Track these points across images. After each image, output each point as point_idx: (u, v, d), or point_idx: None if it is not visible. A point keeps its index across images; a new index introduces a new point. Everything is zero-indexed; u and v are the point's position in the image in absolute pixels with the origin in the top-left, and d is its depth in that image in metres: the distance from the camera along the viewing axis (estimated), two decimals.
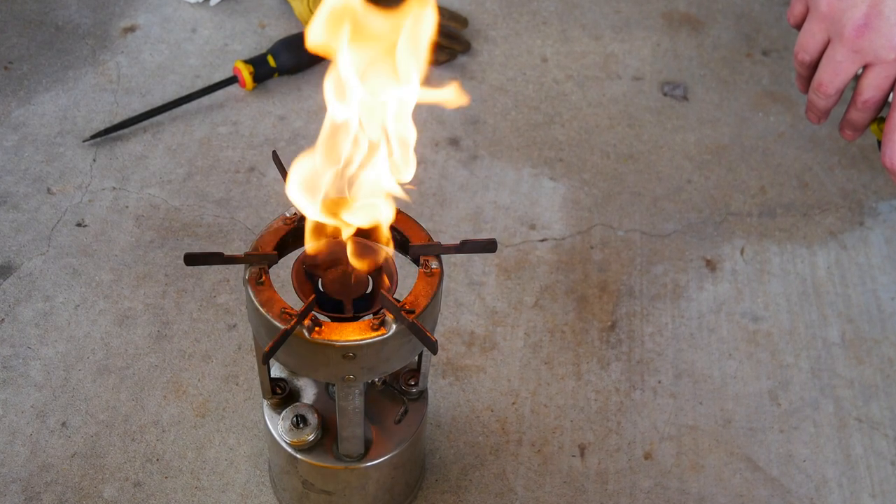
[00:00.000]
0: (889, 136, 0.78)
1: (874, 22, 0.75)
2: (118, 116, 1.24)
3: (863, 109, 0.81)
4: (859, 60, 0.77)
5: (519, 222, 1.16)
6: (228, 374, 0.99)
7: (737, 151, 1.27)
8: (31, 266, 1.06)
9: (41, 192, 1.14)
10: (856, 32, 0.75)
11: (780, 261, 1.14)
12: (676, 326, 1.06)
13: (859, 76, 0.80)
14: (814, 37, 0.80)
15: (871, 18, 0.75)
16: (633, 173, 1.24)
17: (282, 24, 1.40)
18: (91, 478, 0.90)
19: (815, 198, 1.22)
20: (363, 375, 0.68)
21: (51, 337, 1.00)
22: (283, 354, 0.68)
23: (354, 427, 0.75)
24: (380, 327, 0.66)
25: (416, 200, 1.16)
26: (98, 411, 0.95)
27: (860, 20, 0.75)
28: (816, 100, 0.83)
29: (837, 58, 0.78)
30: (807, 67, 0.83)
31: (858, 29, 0.75)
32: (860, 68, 0.79)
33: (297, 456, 0.78)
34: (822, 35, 0.79)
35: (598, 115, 1.32)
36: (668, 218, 1.18)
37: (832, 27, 0.77)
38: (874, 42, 0.75)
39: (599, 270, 1.11)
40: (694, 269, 1.12)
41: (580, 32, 1.44)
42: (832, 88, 0.81)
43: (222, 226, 1.11)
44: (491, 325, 1.05)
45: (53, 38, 1.35)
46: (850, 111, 0.83)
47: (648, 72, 1.39)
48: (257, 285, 0.68)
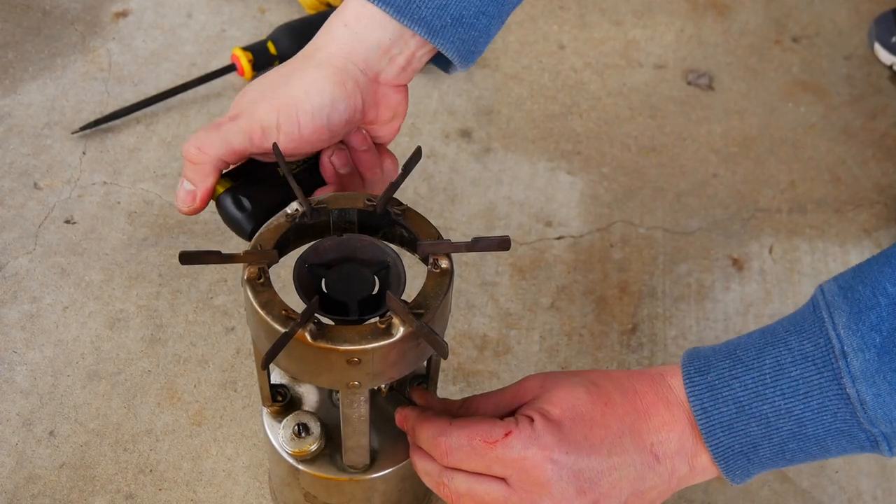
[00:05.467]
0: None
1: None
2: (109, 107, 1.24)
3: None
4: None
5: (534, 219, 1.16)
6: (226, 380, 0.99)
7: (765, 144, 1.27)
8: (17, 265, 1.06)
9: (27, 187, 1.14)
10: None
11: (810, 260, 1.14)
12: (701, 329, 1.06)
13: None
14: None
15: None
16: (656, 167, 1.23)
17: (283, 9, 1.40)
18: (80, 490, 0.90)
19: (848, 193, 1.21)
20: (369, 381, 0.68)
21: (38, 340, 1.00)
22: (283, 359, 0.68)
23: (359, 436, 0.74)
24: (387, 330, 0.66)
25: (425, 196, 1.16)
26: (88, 419, 0.95)
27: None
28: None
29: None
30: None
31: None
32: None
33: (299, 467, 0.78)
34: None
35: (618, 106, 1.31)
36: (692, 214, 1.18)
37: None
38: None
39: (619, 270, 1.11)
40: (720, 269, 1.12)
41: (599, 17, 1.44)
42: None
43: (219, 223, 1.11)
44: (504, 328, 1.05)
45: (40, 24, 1.35)
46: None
47: (672, 59, 1.38)
48: (257, 286, 0.67)
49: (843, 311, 0.65)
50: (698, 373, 0.69)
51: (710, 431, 0.68)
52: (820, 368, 0.65)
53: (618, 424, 0.70)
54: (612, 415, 0.71)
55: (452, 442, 0.71)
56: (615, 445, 0.70)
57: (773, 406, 0.66)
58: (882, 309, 0.63)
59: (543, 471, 0.68)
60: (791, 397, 0.66)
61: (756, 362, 0.67)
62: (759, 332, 0.70)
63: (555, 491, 0.68)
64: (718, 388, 0.68)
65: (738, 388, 0.67)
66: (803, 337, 0.66)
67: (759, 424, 0.67)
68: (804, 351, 0.66)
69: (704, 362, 0.70)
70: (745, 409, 0.67)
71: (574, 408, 0.71)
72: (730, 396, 0.67)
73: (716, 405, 0.68)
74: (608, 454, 0.69)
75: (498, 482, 0.71)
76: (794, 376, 0.66)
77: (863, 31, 1.45)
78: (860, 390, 0.63)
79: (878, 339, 0.63)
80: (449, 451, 0.71)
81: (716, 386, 0.68)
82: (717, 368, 0.69)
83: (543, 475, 0.68)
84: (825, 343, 0.65)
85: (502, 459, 0.69)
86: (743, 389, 0.67)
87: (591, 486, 0.69)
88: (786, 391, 0.66)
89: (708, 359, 0.70)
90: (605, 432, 0.70)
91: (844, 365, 0.64)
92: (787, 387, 0.66)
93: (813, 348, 0.66)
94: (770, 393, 0.66)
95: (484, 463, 0.70)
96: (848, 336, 0.64)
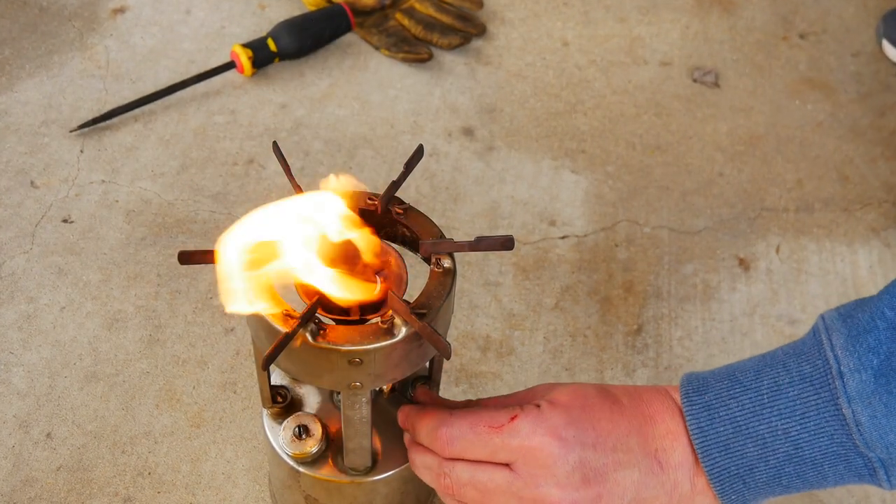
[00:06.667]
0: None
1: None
2: (107, 104, 1.24)
3: None
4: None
5: (538, 218, 1.15)
6: (226, 382, 0.99)
7: (772, 142, 1.27)
8: (14, 265, 1.06)
9: (24, 186, 1.14)
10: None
11: (818, 259, 1.13)
12: (707, 330, 1.06)
13: None
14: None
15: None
16: (661, 166, 1.23)
17: (283, 6, 1.40)
18: (78, 493, 0.90)
19: (855, 192, 1.21)
20: (370, 382, 0.68)
21: (35, 341, 1.00)
22: (284, 360, 0.68)
23: (361, 438, 0.74)
24: (389, 331, 0.66)
25: (427, 195, 1.16)
26: (85, 421, 0.95)
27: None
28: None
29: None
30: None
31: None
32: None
33: (300, 469, 0.78)
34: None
35: (623, 104, 1.31)
36: (698, 214, 1.17)
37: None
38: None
39: (624, 270, 1.11)
40: (726, 269, 1.12)
41: (604, 14, 1.44)
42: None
43: (219, 222, 1.11)
44: (508, 329, 1.05)
45: (37, 20, 1.35)
46: None
47: (677, 56, 1.38)
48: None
49: (841, 334, 0.65)
50: (696, 392, 0.70)
51: (706, 452, 0.68)
52: (817, 389, 0.65)
53: (625, 423, 0.70)
54: (619, 413, 0.71)
55: (455, 431, 0.71)
56: (621, 442, 0.70)
57: (769, 426, 0.66)
58: (880, 332, 0.64)
59: (550, 451, 0.68)
60: (788, 418, 0.66)
61: (754, 383, 0.68)
62: (759, 356, 0.71)
63: (560, 475, 0.68)
64: (716, 408, 0.68)
65: (736, 407, 0.68)
66: (802, 359, 0.67)
67: (756, 445, 0.67)
68: (802, 372, 0.66)
69: (702, 383, 0.70)
70: (741, 430, 0.67)
71: (583, 398, 0.71)
72: (727, 416, 0.68)
73: (713, 424, 0.68)
74: (614, 449, 0.69)
75: (501, 469, 0.70)
76: (792, 396, 0.66)
77: (871, 28, 1.45)
78: (856, 411, 0.63)
79: (876, 361, 0.63)
80: (451, 440, 0.71)
81: (713, 405, 0.69)
82: (715, 389, 0.69)
83: (550, 456, 0.68)
84: (823, 364, 0.66)
85: (508, 444, 0.69)
86: (740, 409, 0.68)
87: (596, 477, 0.68)
88: (783, 411, 0.66)
89: (706, 380, 0.70)
90: (612, 427, 0.70)
91: (841, 385, 0.64)
92: (785, 407, 0.66)
93: (811, 370, 0.66)
94: (767, 413, 0.67)
95: (488, 449, 0.70)
96: (845, 357, 0.64)
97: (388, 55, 1.34)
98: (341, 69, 1.33)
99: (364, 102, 1.28)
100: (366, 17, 1.37)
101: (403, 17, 1.37)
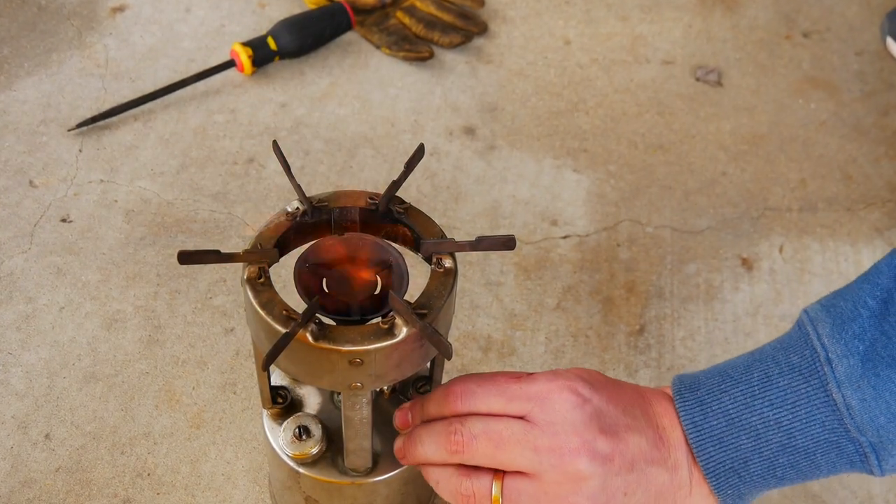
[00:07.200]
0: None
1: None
2: (106, 103, 1.24)
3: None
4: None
5: (540, 218, 1.15)
6: (225, 382, 0.99)
7: (775, 141, 1.27)
8: (12, 265, 1.06)
9: (23, 185, 1.14)
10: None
11: (821, 259, 1.13)
12: (710, 330, 1.06)
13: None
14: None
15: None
16: (663, 165, 1.23)
17: (283, 4, 1.40)
18: (77, 494, 0.90)
19: (859, 192, 1.21)
20: (371, 383, 0.68)
21: (33, 342, 1.00)
22: (284, 360, 0.68)
23: (362, 439, 0.74)
24: (389, 331, 0.66)
25: (428, 194, 1.16)
26: (84, 422, 0.95)
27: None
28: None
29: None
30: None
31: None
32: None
33: (300, 470, 0.78)
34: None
35: (625, 102, 1.31)
36: (700, 213, 1.17)
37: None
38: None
39: (627, 270, 1.11)
40: (729, 269, 1.12)
41: (606, 12, 1.44)
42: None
43: (219, 221, 1.11)
44: (509, 329, 1.05)
45: (36, 19, 1.35)
46: None
47: (679, 55, 1.38)
48: (257, 285, 0.67)
49: (826, 323, 0.67)
50: (688, 389, 0.71)
51: (701, 446, 0.69)
52: (807, 377, 0.67)
53: (629, 398, 0.71)
54: (624, 392, 0.72)
55: (470, 383, 0.71)
56: (629, 409, 0.70)
57: (762, 417, 0.67)
58: (864, 320, 0.66)
59: (567, 398, 0.68)
60: (780, 408, 0.67)
61: (744, 376, 0.69)
62: (748, 354, 0.72)
63: (578, 423, 0.68)
64: (708, 403, 0.69)
65: (728, 401, 0.69)
66: (790, 351, 0.69)
67: (749, 437, 0.68)
68: (791, 363, 0.68)
69: (694, 381, 0.71)
70: (734, 422, 0.68)
71: (587, 373, 0.72)
72: (720, 410, 0.69)
73: (706, 419, 0.69)
74: (624, 412, 0.70)
75: (516, 420, 0.70)
76: (782, 386, 0.67)
77: (875, 26, 1.45)
78: (846, 395, 0.65)
79: (861, 347, 0.65)
80: (465, 392, 0.71)
81: (706, 400, 0.70)
82: (707, 385, 0.70)
83: (567, 403, 0.68)
84: (811, 354, 0.67)
85: (526, 391, 0.69)
86: (732, 402, 0.69)
87: (610, 432, 0.69)
88: (774, 402, 0.67)
89: (697, 378, 0.72)
90: (620, 397, 0.71)
91: (830, 371, 0.65)
92: (776, 397, 0.67)
93: (800, 360, 0.68)
94: (759, 404, 0.68)
95: (503, 399, 0.70)
96: (832, 344, 0.66)
97: (388, 54, 1.34)
98: (342, 68, 1.33)
99: (365, 101, 1.28)
100: (366, 16, 1.37)
101: (404, 15, 1.37)
